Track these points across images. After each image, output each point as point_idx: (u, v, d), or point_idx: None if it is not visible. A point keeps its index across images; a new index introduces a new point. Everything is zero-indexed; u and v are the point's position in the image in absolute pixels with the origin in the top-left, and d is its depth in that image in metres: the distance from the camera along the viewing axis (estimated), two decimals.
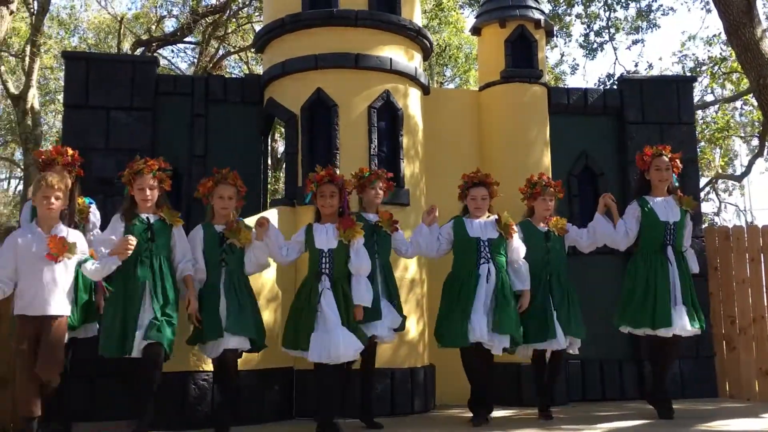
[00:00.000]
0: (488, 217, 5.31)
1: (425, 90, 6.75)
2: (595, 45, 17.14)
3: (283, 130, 11.95)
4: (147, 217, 4.68)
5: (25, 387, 4.21)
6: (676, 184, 5.50)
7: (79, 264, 4.39)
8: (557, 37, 17.08)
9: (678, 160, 5.48)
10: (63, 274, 4.30)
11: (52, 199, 4.33)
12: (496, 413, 5.46)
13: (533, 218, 5.59)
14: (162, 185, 4.76)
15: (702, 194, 15.36)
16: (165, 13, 17.39)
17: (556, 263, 5.46)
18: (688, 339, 5.33)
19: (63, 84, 6.81)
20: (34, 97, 14.20)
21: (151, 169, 4.70)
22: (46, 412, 4.92)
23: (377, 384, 5.52)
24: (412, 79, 6.44)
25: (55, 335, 4.25)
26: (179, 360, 4.87)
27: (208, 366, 5.11)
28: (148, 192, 4.67)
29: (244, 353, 4.89)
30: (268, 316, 5.34)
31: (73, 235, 4.41)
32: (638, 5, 16.62)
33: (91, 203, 5.18)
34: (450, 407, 6.08)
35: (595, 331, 5.83)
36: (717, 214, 21.51)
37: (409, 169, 6.26)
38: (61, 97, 16.13)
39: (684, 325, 5.10)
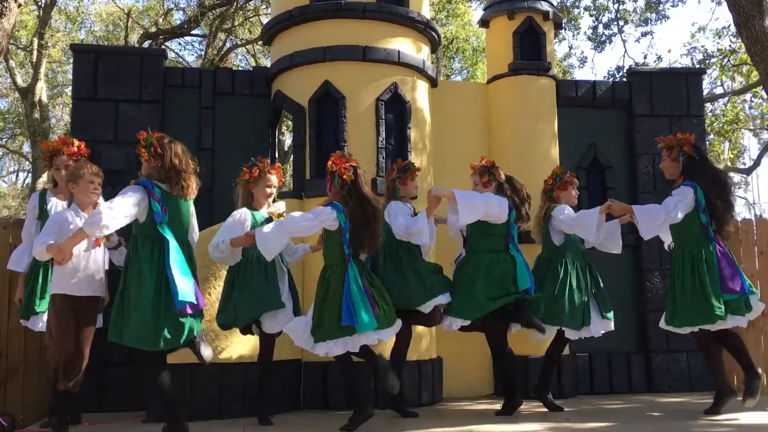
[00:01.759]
0: None
1: (433, 82, 6.73)
2: (604, 37, 17.06)
3: (290, 122, 11.95)
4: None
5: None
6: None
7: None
8: (565, 29, 17.01)
9: (671, 143, 5.23)
10: (102, 259, 4.51)
11: (97, 185, 4.51)
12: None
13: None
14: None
15: None
16: (172, 5, 17.39)
17: (585, 253, 5.57)
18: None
19: (71, 77, 6.83)
20: (42, 90, 14.24)
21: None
22: (53, 405, 4.99)
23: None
24: (419, 71, 6.43)
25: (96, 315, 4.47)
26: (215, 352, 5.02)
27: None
28: (273, 189, 5.02)
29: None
30: None
31: None
32: None
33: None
34: (457, 400, 6.09)
35: None
36: None
37: (416, 161, 6.24)
38: (69, 90, 16.19)
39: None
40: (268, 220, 4.91)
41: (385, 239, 5.07)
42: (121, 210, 3.95)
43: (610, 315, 5.49)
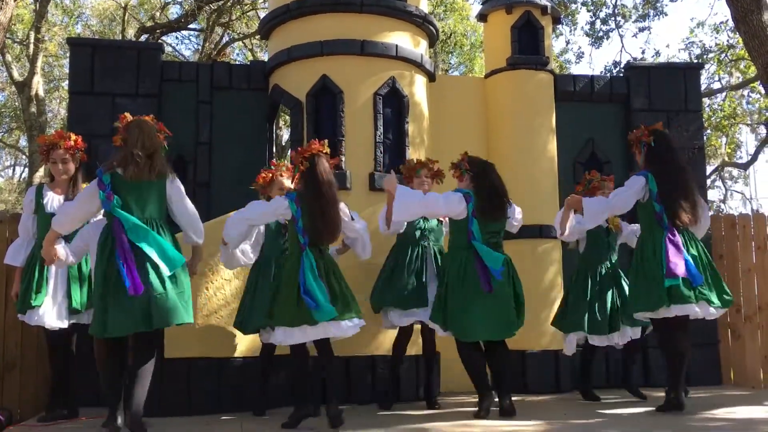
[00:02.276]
0: None
1: (431, 77, 6.72)
2: (601, 33, 17.03)
3: (288, 117, 11.94)
4: None
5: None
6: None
7: None
8: (563, 24, 16.98)
9: (634, 137, 5.18)
10: None
11: None
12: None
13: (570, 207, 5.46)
14: None
15: (708, 182, 15.33)
16: None
17: (614, 259, 5.70)
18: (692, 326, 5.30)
19: (68, 71, 6.82)
20: (38, 84, 14.20)
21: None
22: (52, 398, 4.98)
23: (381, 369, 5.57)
24: (417, 65, 6.41)
25: None
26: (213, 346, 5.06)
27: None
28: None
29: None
30: None
31: None
32: None
33: None
34: (455, 394, 6.10)
35: None
36: (723, 201, 21.49)
37: (414, 156, 6.23)
38: (65, 84, 16.16)
39: None
40: (281, 224, 4.93)
41: None
42: (72, 207, 4.13)
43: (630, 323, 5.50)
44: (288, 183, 5.06)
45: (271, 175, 5.08)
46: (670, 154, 5.02)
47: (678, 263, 4.69)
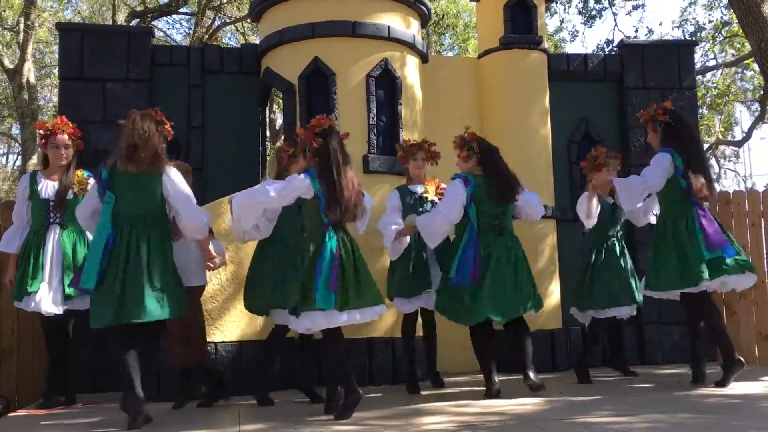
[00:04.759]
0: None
1: (424, 58, 6.68)
2: (594, 12, 16.95)
3: (281, 100, 11.88)
4: None
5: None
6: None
7: None
8: (557, 3, 16.88)
9: (648, 116, 5.21)
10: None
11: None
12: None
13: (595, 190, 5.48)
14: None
15: None
16: None
17: (620, 235, 5.66)
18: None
19: (58, 57, 6.76)
20: (29, 71, 14.10)
21: None
22: (49, 385, 4.98)
23: (379, 353, 5.57)
24: (410, 46, 6.37)
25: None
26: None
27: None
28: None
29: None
30: None
31: None
32: None
33: (89, 176, 5.15)
34: (452, 375, 6.11)
35: None
36: (717, 180, 21.51)
37: (408, 137, 6.21)
38: (56, 71, 16.04)
39: None
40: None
41: None
42: (81, 204, 4.37)
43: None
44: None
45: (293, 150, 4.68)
46: (688, 131, 5.12)
47: (717, 235, 4.82)
